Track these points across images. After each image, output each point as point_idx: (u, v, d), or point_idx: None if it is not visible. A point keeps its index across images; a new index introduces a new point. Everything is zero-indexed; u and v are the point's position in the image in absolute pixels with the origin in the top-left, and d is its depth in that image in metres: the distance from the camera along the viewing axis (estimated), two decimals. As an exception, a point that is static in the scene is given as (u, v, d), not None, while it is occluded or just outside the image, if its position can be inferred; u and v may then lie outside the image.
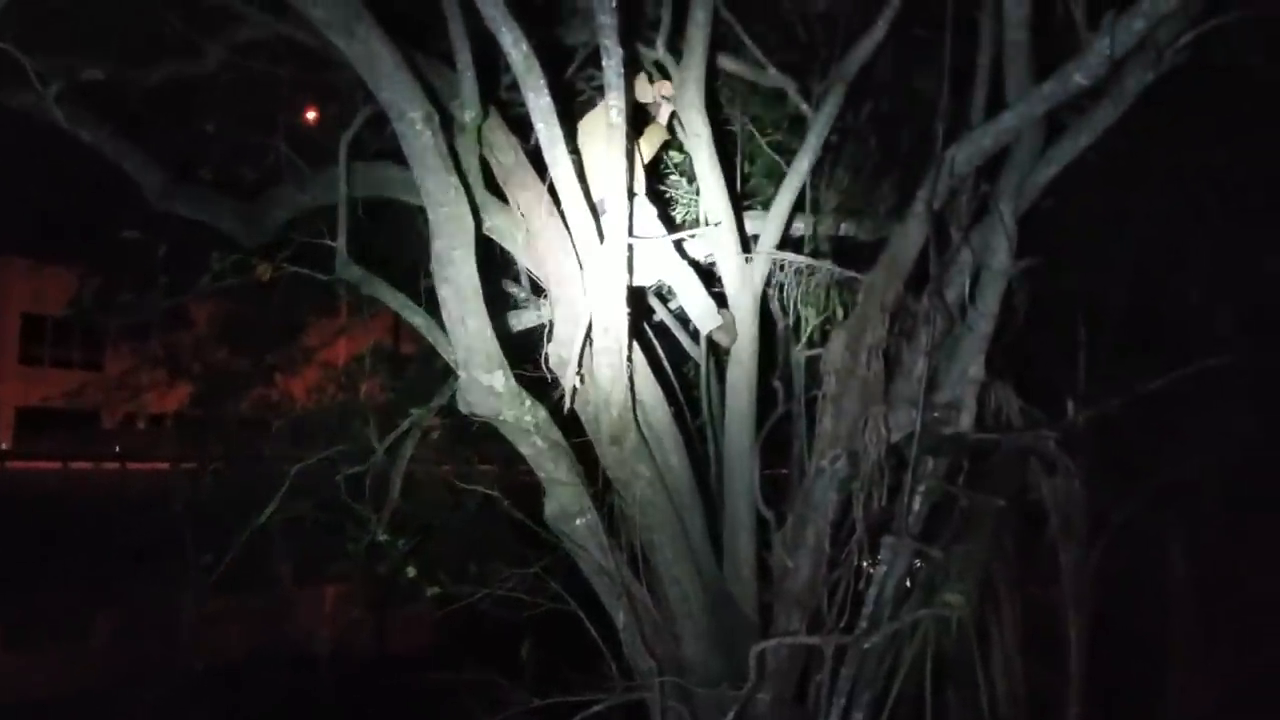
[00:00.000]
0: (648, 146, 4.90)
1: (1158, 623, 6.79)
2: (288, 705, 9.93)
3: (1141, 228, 4.80)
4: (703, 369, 5.88)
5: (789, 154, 5.21)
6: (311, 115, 4.87)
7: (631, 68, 4.51)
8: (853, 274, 4.65)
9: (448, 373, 4.62)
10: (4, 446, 28.22)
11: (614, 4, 3.58)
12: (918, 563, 4.22)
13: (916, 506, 4.12)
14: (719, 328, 4.84)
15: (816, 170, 5.18)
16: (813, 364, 4.63)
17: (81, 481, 20.03)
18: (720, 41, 5.29)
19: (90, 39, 4.15)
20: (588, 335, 4.16)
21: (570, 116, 5.12)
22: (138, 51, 4.56)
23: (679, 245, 4.83)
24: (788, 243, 5.16)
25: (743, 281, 4.86)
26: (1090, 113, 3.76)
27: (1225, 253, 4.78)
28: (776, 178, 5.23)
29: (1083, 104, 3.86)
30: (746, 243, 4.99)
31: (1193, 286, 5.00)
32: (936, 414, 4.13)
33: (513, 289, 6.04)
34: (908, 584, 4.19)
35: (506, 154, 4.64)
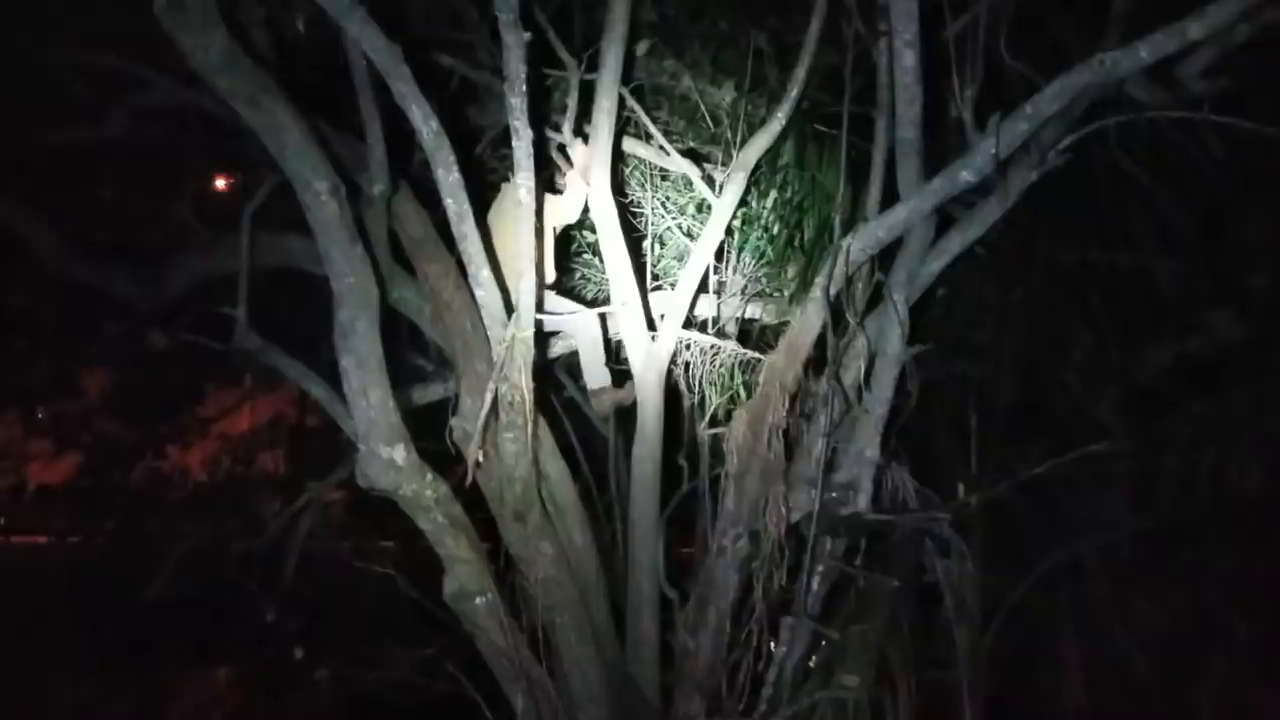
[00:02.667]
0: (557, 221, 4.97)
1: (1051, 703, 6.91)
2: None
3: (1029, 318, 5.01)
4: (611, 445, 5.89)
5: (696, 237, 5.33)
6: (219, 183, 4.82)
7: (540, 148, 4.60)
8: (756, 355, 4.74)
9: (351, 446, 4.55)
10: None
11: (523, 87, 3.66)
12: (821, 643, 4.24)
13: (815, 586, 4.17)
14: (601, 390, 4.87)
15: (721, 253, 5.31)
16: (717, 442, 4.67)
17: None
18: (628, 127, 5.43)
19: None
20: (493, 409, 4.14)
21: (479, 192, 5.19)
22: (37, 113, 4.48)
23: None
24: (693, 323, 5.25)
25: (648, 359, 4.90)
26: (978, 208, 3.95)
27: (1106, 343, 5.02)
28: (684, 259, 5.34)
29: (972, 199, 4.05)
30: (653, 322, 5.06)
31: (1076, 375, 5.23)
32: (835, 494, 4.21)
33: (420, 361, 6.01)
34: (808, 665, 4.20)
35: (416, 227, 4.66)
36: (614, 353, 5.16)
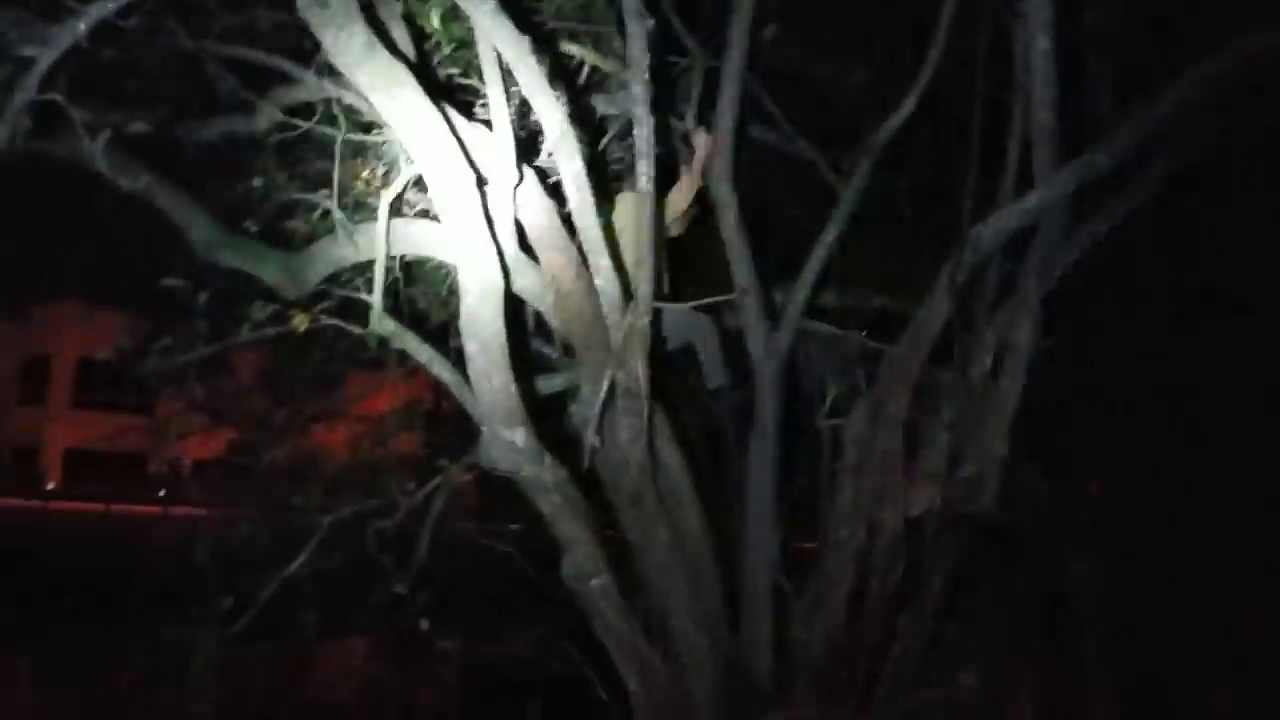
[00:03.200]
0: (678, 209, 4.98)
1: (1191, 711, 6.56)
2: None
3: (1172, 306, 4.77)
4: (730, 435, 5.89)
5: (819, 225, 5.27)
6: (360, 174, 5.02)
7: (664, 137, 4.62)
8: (878, 345, 4.66)
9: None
10: (52, 486, 28.73)
11: (646, 75, 3.70)
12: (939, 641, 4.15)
13: (935, 584, 4.08)
14: (719, 395, 4.88)
15: (847, 241, 5.23)
16: (837, 435, 4.61)
17: (122, 524, 20.29)
18: (751, 112, 5.40)
19: (144, 93, 4.34)
20: (610, 395, 4.20)
21: (604, 182, 5.25)
22: (193, 107, 4.76)
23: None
24: (815, 313, 5.19)
25: (767, 350, 4.88)
26: (1117, 195, 3.78)
27: (1250, 337, 4.72)
28: (807, 248, 5.28)
29: (1114, 185, 3.88)
30: (774, 311, 5.03)
31: (1219, 368, 4.94)
32: (958, 490, 4.10)
33: (546, 350, 6.13)
34: (924, 662, 4.12)
35: (540, 216, 4.75)
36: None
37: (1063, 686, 4.54)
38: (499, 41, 3.67)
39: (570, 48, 5.38)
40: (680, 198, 4.92)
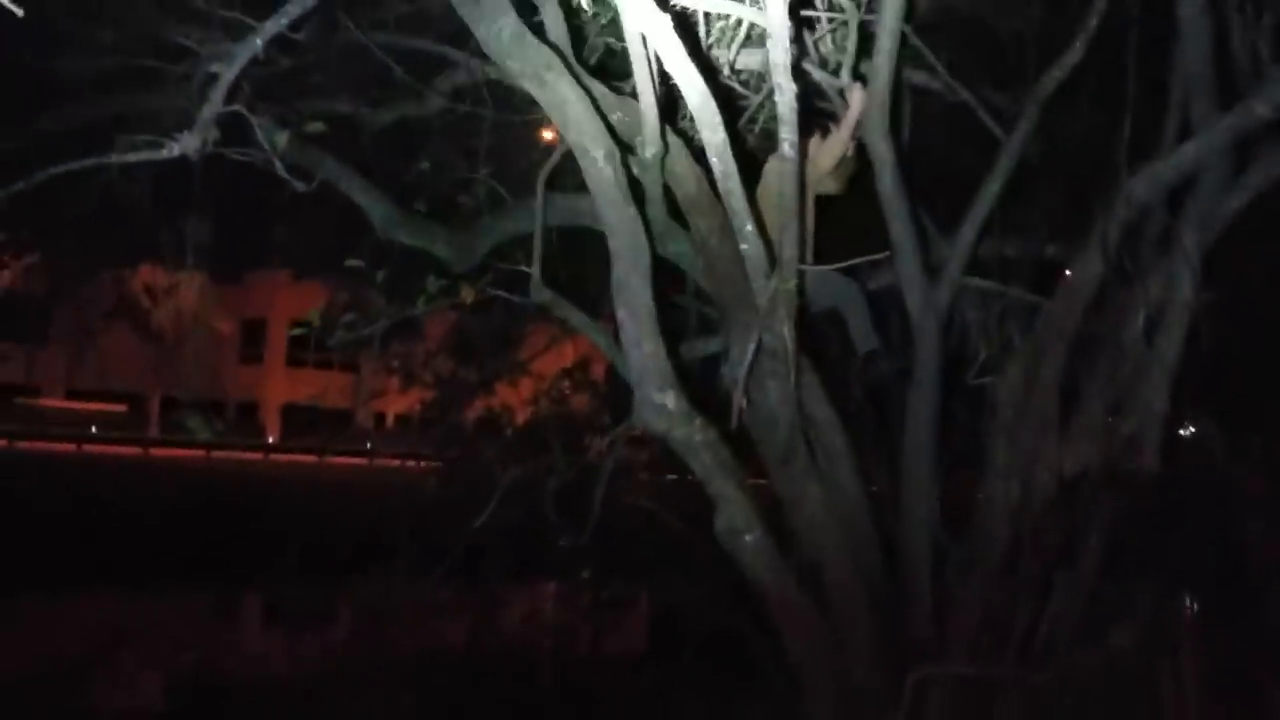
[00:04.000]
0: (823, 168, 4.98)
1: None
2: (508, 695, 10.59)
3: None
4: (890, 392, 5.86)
5: (981, 175, 5.14)
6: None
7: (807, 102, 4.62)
8: (1038, 299, 4.55)
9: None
10: (271, 440, 31.25)
11: (786, 42, 3.73)
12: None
13: (1093, 543, 4.00)
14: (871, 359, 4.86)
15: (1013, 190, 5.10)
16: (991, 392, 4.56)
17: (334, 474, 21.95)
18: (910, 61, 5.31)
19: (321, 88, 4.71)
20: (756, 357, 4.30)
21: (748, 149, 5.31)
22: (366, 96, 5.13)
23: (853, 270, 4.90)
24: (979, 265, 5.10)
25: (926, 305, 4.84)
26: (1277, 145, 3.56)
27: None
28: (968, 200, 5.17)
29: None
30: (933, 266, 4.97)
31: None
32: (1118, 448, 4.00)
33: (709, 310, 6.27)
34: (1084, 622, 4.07)
35: (689, 184, 4.86)
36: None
37: (1236, 646, 4.35)
38: (639, 21, 3.78)
39: (724, 5, 5.42)
40: (828, 156, 4.92)
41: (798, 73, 4.65)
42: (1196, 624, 4.05)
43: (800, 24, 5.04)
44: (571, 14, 4.87)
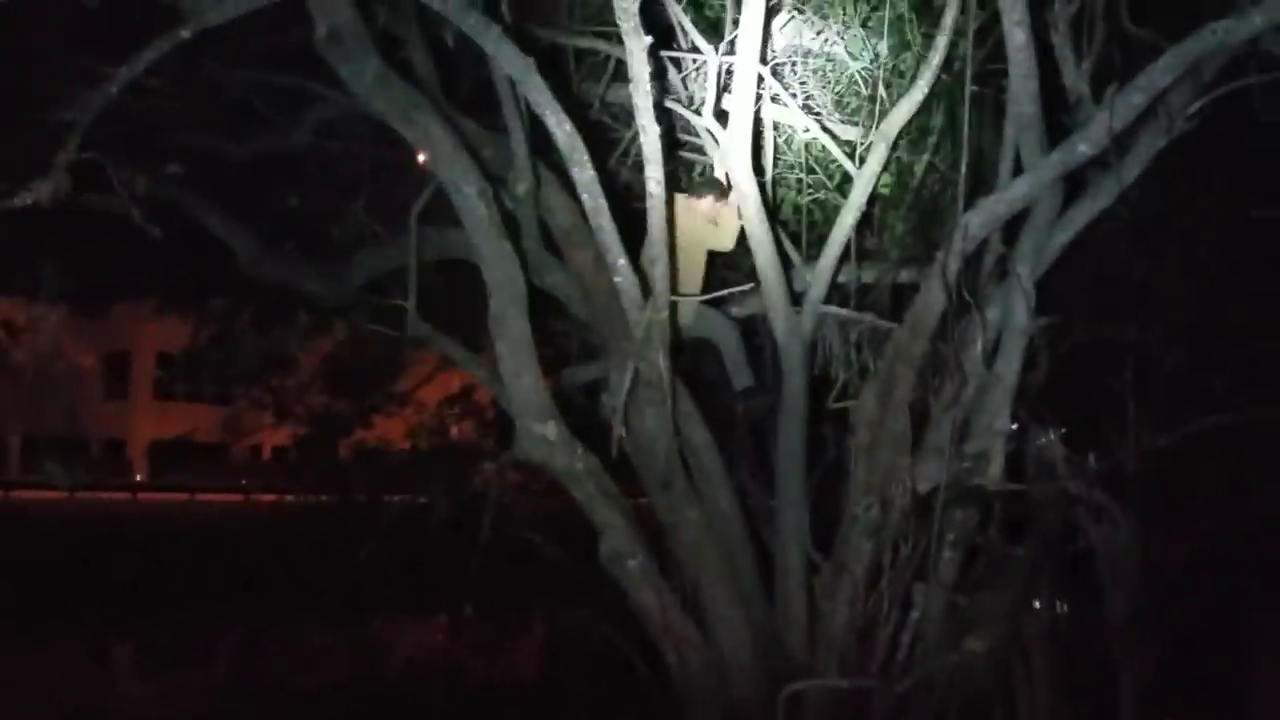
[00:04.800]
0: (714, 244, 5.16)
1: (1236, 676, 6.60)
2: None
3: (1188, 277, 4.83)
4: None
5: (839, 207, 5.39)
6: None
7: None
8: (890, 325, 4.80)
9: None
10: (139, 478, 29.91)
11: (648, 88, 3.88)
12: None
13: (947, 554, 4.25)
14: (747, 395, 5.05)
15: (866, 221, 5.35)
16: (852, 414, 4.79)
17: (206, 512, 21.17)
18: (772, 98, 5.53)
19: (184, 125, 4.64)
20: (633, 386, 4.43)
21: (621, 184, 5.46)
22: (231, 132, 5.07)
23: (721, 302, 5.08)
24: (841, 292, 5.33)
25: (791, 332, 5.04)
26: (1105, 177, 3.87)
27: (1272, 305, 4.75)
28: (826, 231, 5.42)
29: (1106, 163, 3.96)
30: (795, 295, 5.18)
31: (1239, 337, 4.97)
32: (966, 465, 4.25)
33: (592, 336, 6.37)
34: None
35: (564, 216, 4.97)
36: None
37: (1084, 643, 4.66)
38: (506, 64, 3.88)
39: (595, 43, 5.55)
40: (728, 238, 5.11)
41: (664, 111, 4.84)
42: (1047, 625, 4.33)
43: (662, 64, 5.21)
44: (440, 52, 4.94)
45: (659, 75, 5.08)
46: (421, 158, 4.28)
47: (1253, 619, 6.54)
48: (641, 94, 3.89)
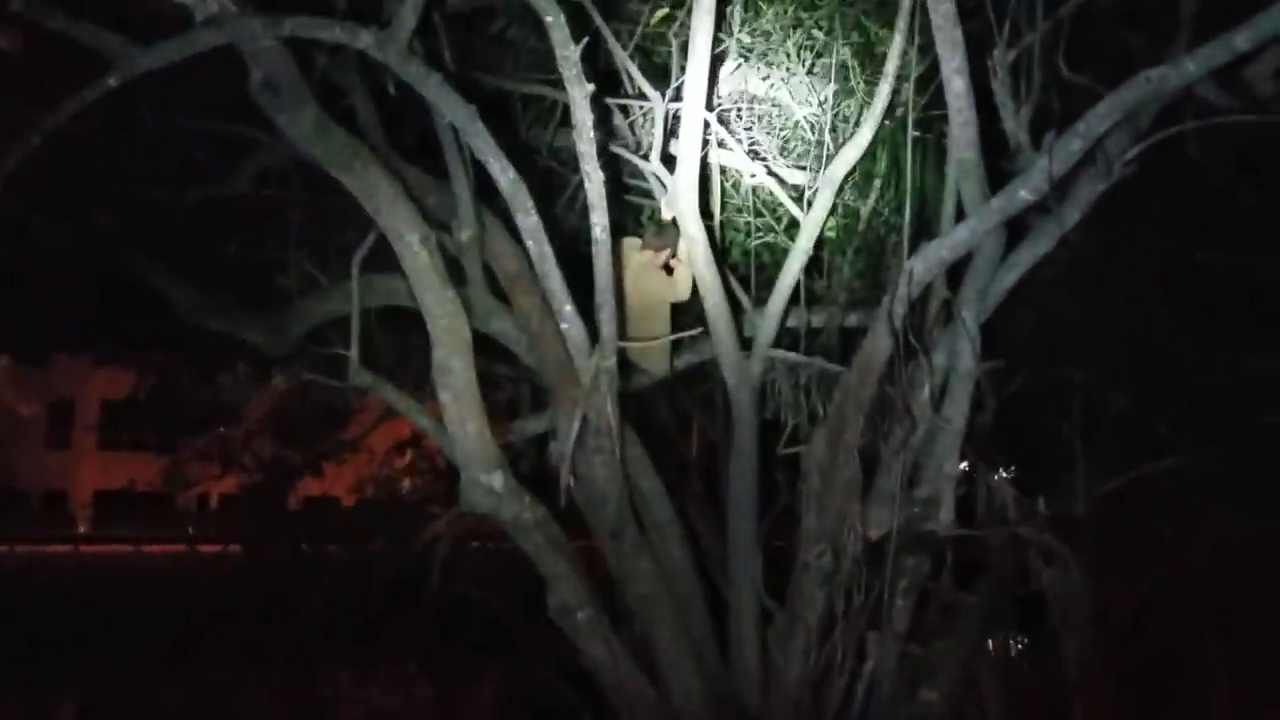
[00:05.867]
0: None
1: (1195, 713, 6.62)
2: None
3: (1133, 320, 4.87)
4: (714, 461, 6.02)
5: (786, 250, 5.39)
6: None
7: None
8: (839, 369, 4.78)
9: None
10: (82, 529, 29.10)
11: (591, 135, 3.85)
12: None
13: (900, 602, 4.20)
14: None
15: (821, 261, 5.36)
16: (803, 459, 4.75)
17: (151, 564, 20.61)
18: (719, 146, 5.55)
19: (116, 173, 4.54)
20: (581, 434, 4.36)
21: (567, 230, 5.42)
22: (166, 180, 4.97)
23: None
24: (789, 336, 5.32)
25: (741, 377, 5.01)
26: (1047, 222, 3.90)
27: (1214, 347, 4.81)
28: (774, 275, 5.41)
29: (1048, 208, 4.00)
30: (745, 340, 5.16)
31: (1184, 378, 5.03)
32: (917, 510, 4.23)
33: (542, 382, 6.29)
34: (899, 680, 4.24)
35: (509, 262, 4.92)
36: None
37: (1046, 690, 4.63)
38: (448, 111, 3.84)
39: (541, 90, 5.53)
40: (684, 288, 5.09)
41: (610, 157, 4.81)
42: (1000, 670, 4.29)
43: (607, 109, 5.20)
44: (383, 98, 4.88)
45: (605, 120, 5.08)
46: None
47: (1205, 658, 6.56)
48: (585, 140, 3.87)
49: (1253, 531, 5.52)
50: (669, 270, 5.19)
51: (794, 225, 5.56)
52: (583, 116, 3.80)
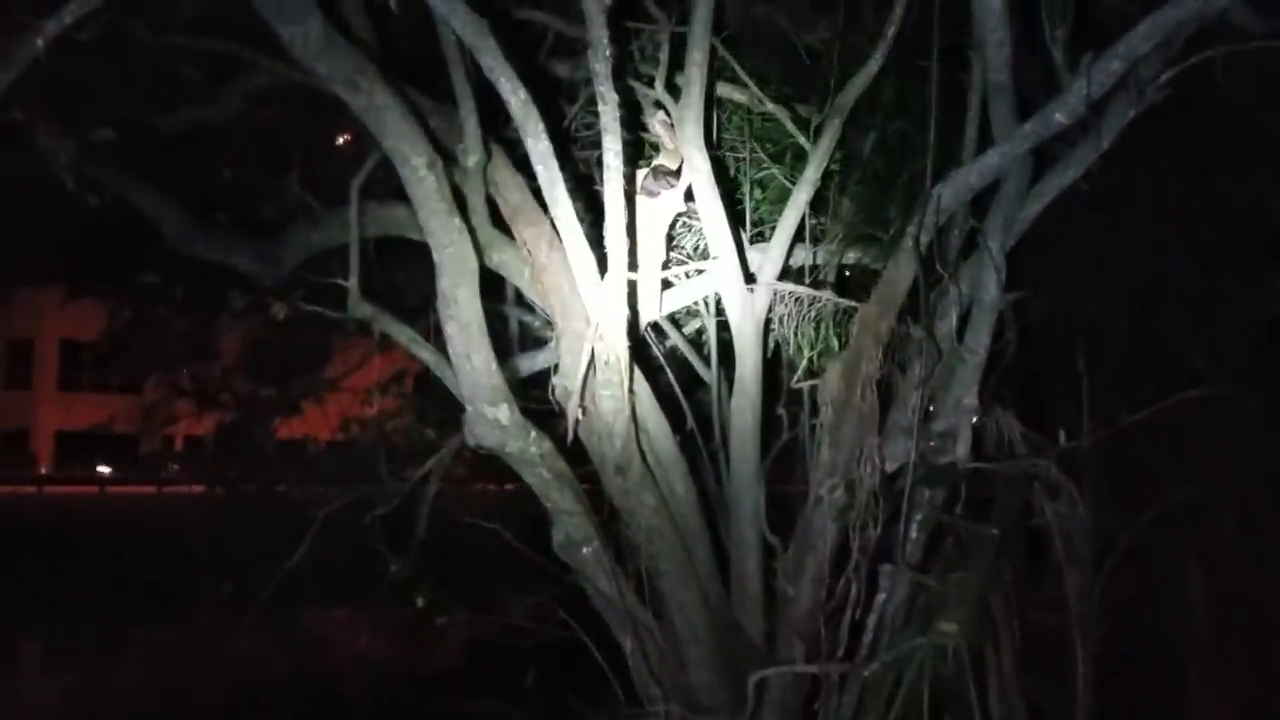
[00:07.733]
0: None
1: (1174, 646, 6.75)
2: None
3: (1145, 255, 4.84)
4: (715, 395, 5.96)
5: (793, 183, 5.30)
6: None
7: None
8: (853, 304, 4.72)
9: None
10: (44, 471, 28.74)
11: (606, 53, 3.70)
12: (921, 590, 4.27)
13: (914, 535, 4.19)
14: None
15: (821, 198, 5.27)
16: (815, 393, 4.70)
17: (117, 505, 20.41)
18: (722, 72, 5.42)
19: (108, 92, 4.33)
20: (590, 367, 4.26)
21: (571, 157, 5.28)
22: (157, 100, 4.76)
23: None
24: (791, 272, 5.25)
25: (745, 311, 4.94)
26: (1075, 149, 3.83)
27: (1224, 278, 4.80)
28: (778, 210, 5.32)
29: (1075, 138, 3.92)
30: (750, 274, 5.08)
31: (1193, 312, 5.02)
32: (933, 443, 4.20)
33: (531, 320, 6.18)
34: (909, 612, 4.25)
35: (513, 192, 4.78)
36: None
37: (1048, 625, 4.67)
38: (457, 24, 3.67)
39: (536, 14, 5.36)
40: (676, 200, 4.97)
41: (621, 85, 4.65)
42: (1012, 602, 4.31)
43: (617, 32, 5.04)
44: (380, 17, 4.69)
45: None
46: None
47: (1192, 592, 6.68)
48: (600, 59, 3.71)
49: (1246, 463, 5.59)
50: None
51: (799, 159, 5.48)
52: (598, 32, 3.65)
